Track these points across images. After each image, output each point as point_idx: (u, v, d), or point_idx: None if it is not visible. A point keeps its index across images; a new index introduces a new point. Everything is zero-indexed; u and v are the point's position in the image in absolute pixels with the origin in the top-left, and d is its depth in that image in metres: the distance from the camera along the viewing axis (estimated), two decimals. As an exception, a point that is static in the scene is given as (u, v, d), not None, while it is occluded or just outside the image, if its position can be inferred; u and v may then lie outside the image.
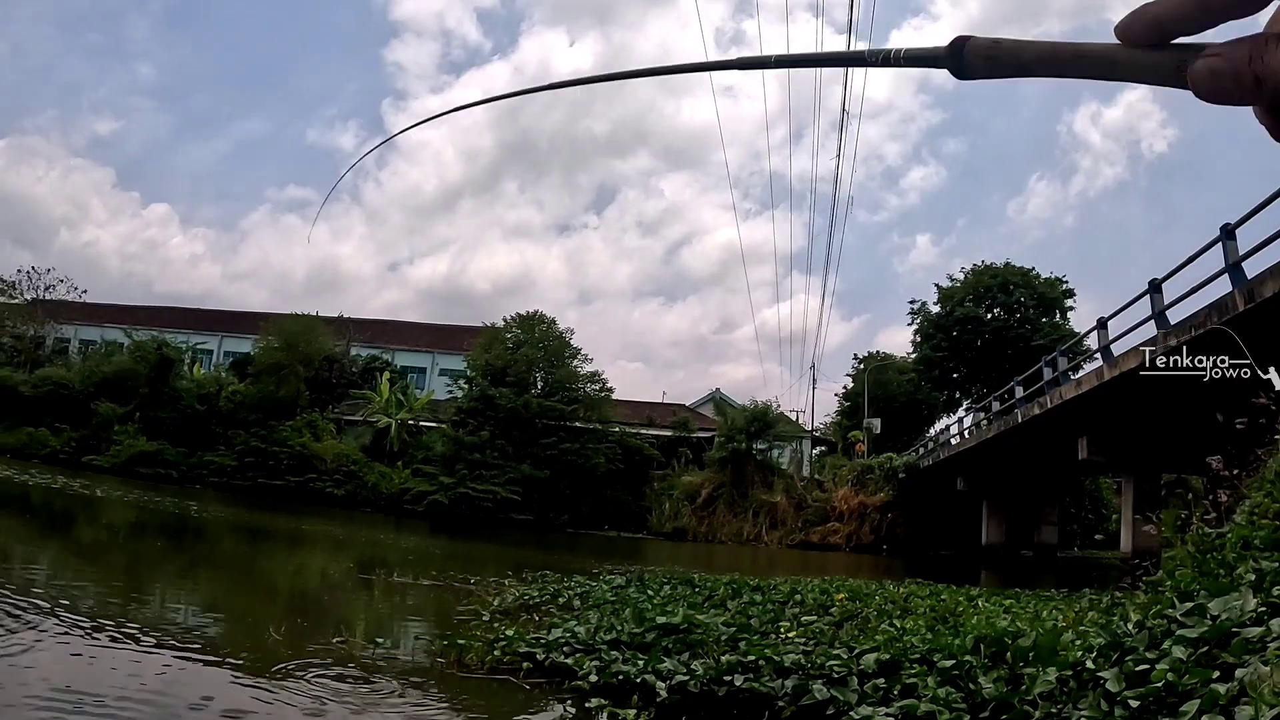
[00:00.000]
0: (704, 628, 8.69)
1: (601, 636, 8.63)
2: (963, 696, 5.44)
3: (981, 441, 34.20)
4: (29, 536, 17.94)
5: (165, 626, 9.10)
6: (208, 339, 66.33)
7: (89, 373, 51.18)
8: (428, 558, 21.93)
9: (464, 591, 14.47)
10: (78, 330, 67.15)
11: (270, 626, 9.27)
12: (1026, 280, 60.82)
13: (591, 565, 21.18)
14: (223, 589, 13.95)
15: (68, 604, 9.43)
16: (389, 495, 44.60)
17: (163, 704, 6.08)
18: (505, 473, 43.90)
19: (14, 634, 7.61)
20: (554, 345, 49.82)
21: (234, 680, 7.02)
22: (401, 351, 66.80)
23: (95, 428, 47.67)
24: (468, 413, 46.95)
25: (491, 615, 11.36)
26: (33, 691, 5.91)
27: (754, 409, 48.96)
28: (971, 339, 60.97)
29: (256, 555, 20.79)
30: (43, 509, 24.57)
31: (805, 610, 10.64)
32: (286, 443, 45.87)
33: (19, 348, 59.14)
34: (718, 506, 46.16)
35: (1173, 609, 5.79)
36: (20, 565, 13.08)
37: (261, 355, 51.58)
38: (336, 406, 52.95)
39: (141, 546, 19.67)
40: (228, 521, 28.07)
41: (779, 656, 7.15)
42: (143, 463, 45.24)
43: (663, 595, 12.54)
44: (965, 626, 8.52)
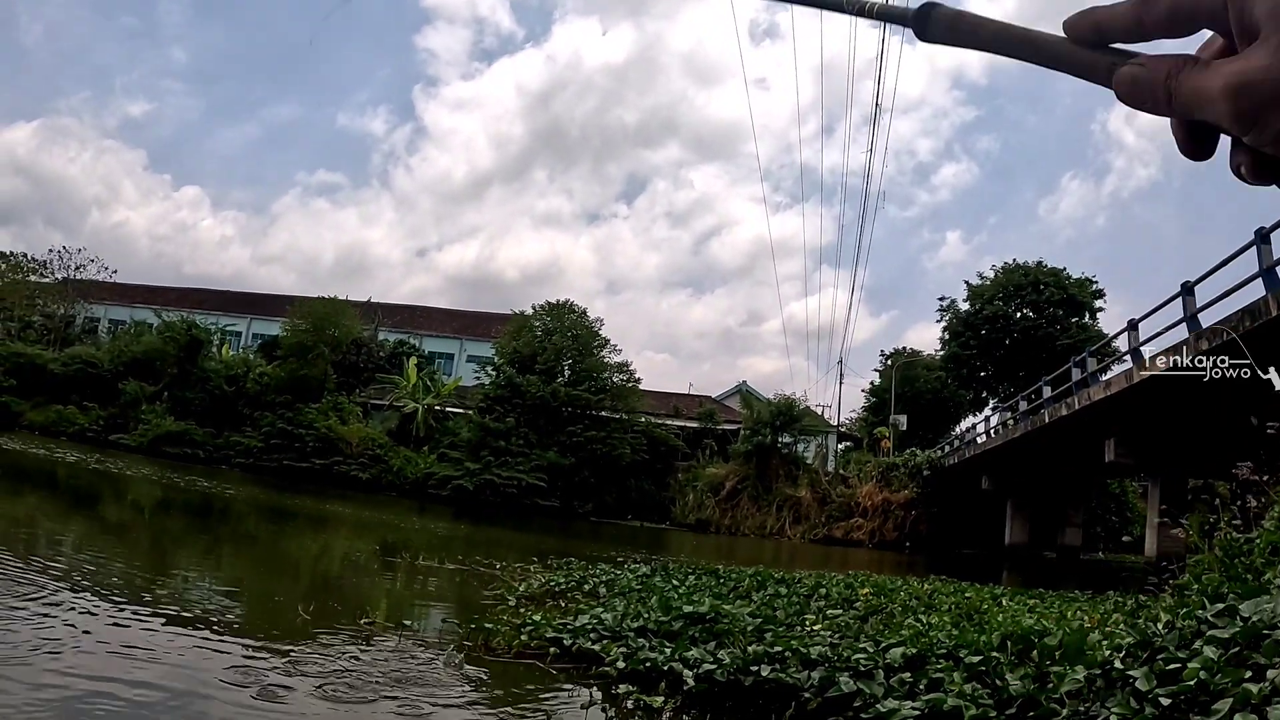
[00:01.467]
0: (730, 618, 8.71)
1: (628, 624, 8.67)
2: (989, 693, 5.45)
3: (1008, 441, 34.05)
4: (56, 513, 18.13)
5: (190, 604, 9.19)
6: (236, 321, 66.80)
7: (118, 352, 51.75)
8: (452, 542, 22.06)
9: (489, 576, 14.54)
10: (107, 310, 67.83)
11: (298, 606, 9.36)
12: (1057, 280, 60.32)
13: (615, 554, 21.24)
14: (247, 568, 14.07)
15: (93, 580, 9.55)
16: (414, 480, 44.86)
17: (188, 680, 6.15)
18: (530, 460, 44.09)
19: (40, 609, 7.70)
20: (582, 334, 49.93)
21: (259, 659, 7.08)
22: (429, 337, 67.15)
23: (123, 406, 48.21)
24: (494, 399, 47.11)
25: (518, 600, 11.43)
26: (58, 667, 5.97)
27: (780, 402, 48.90)
28: (1000, 338, 60.55)
29: (281, 536, 20.92)
30: (69, 486, 24.80)
31: (830, 604, 10.65)
32: (312, 425, 46.23)
33: (49, 326, 59.86)
34: (741, 499, 46.17)
35: (1203, 610, 5.78)
36: (46, 541, 13.22)
37: (289, 337, 51.95)
38: (363, 390, 53.23)
39: (167, 525, 19.87)
40: (253, 502, 28.27)
41: (805, 648, 7.17)
42: (169, 442, 45.76)
43: (688, 585, 12.57)
44: (991, 624, 8.52)
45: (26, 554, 10.90)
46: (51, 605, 7.86)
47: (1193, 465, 25.61)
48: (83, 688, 5.57)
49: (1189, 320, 19.81)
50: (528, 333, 49.88)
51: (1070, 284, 60.21)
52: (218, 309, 67.39)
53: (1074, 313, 59.44)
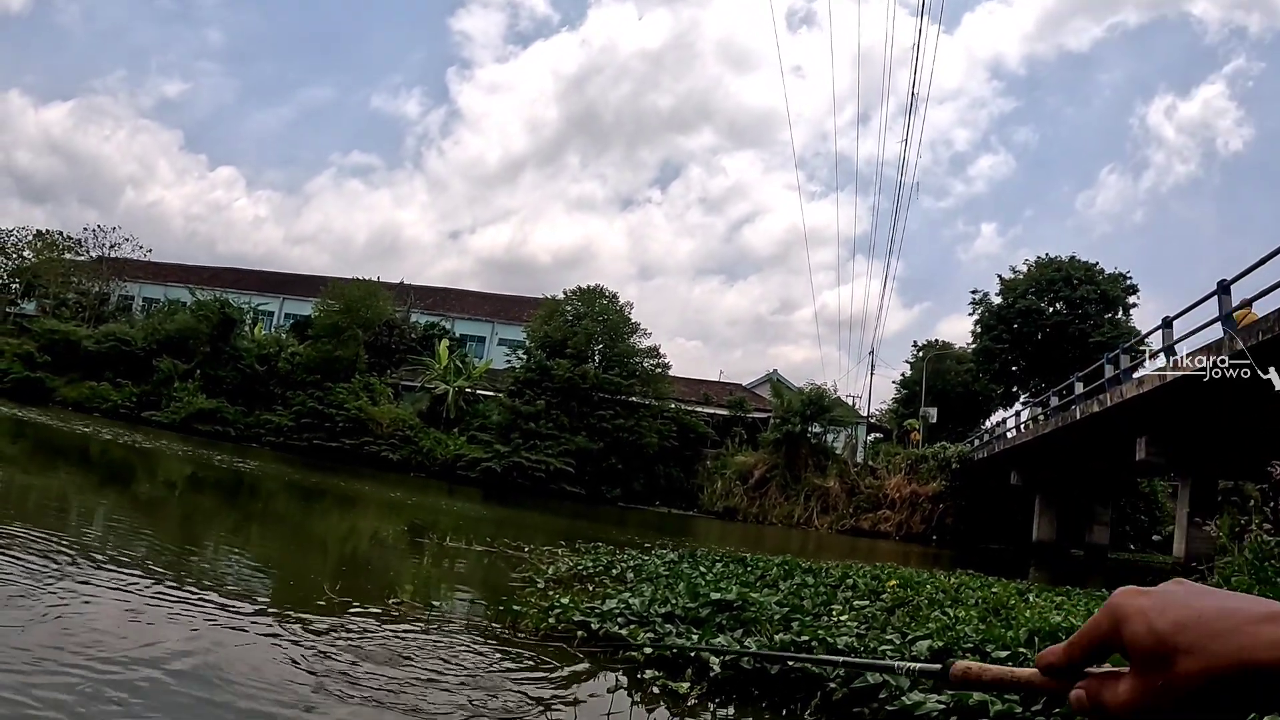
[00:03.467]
0: (757, 606, 8.73)
1: (656, 609, 8.71)
2: (1015, 688, 5.46)
3: (1038, 436, 33.85)
4: (88, 488, 18.36)
5: (219, 580, 9.27)
6: (269, 300, 67.15)
7: (151, 330, 52.37)
8: (480, 524, 22.16)
9: (516, 559, 14.62)
10: (141, 288, 68.47)
11: (325, 585, 9.46)
12: (1090, 275, 59.81)
13: (643, 539, 21.30)
14: (276, 546, 14.17)
15: (122, 554, 9.67)
16: (443, 461, 45.13)
17: (212, 656, 6.23)
18: (559, 444, 44.27)
19: (69, 583, 7.82)
20: (613, 319, 50.02)
21: (285, 636, 7.16)
22: (461, 320, 67.37)
23: (156, 384, 48.82)
24: (524, 383, 47.29)
25: (545, 583, 11.51)
26: (85, 641, 6.05)
27: (810, 392, 48.88)
28: (1032, 332, 60.13)
29: (310, 515, 21.10)
30: (102, 462, 25.08)
31: (857, 594, 10.64)
32: (343, 405, 46.58)
33: (84, 304, 60.60)
34: (769, 488, 46.18)
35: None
36: (78, 515, 13.39)
37: (322, 318, 52.35)
38: (395, 371, 53.56)
39: (197, 501, 20.07)
40: (283, 480, 28.51)
41: (831, 638, 7.20)
42: (201, 420, 46.31)
43: (715, 572, 12.58)
44: (1018, 619, 8.49)
45: (58, 527, 11.07)
46: (78, 578, 7.98)
47: (1224, 466, 25.42)
48: (108, 661, 5.65)
49: (1224, 319, 19.60)
50: (559, 317, 50.06)
51: (1103, 279, 59.70)
52: (251, 288, 67.90)
53: (1107, 309, 58.92)
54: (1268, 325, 17.20)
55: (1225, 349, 18.69)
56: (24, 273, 62.33)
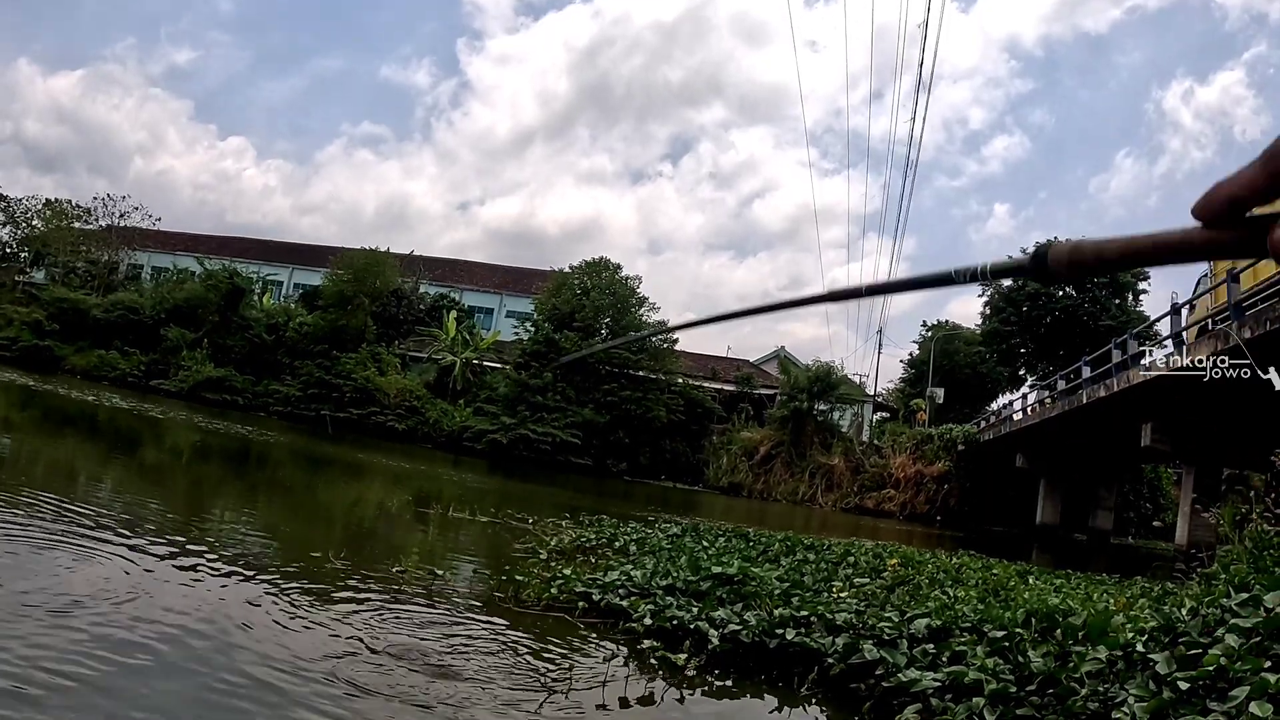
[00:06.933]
0: (758, 580, 8.81)
1: (657, 582, 8.81)
2: (1011, 668, 5.51)
3: (1044, 419, 33.81)
4: (96, 455, 18.47)
5: (224, 547, 9.34)
6: (278, 270, 67.17)
7: (160, 299, 52.52)
8: (485, 495, 22.28)
9: (520, 530, 14.71)
10: (150, 257, 68.37)
11: (330, 552, 9.53)
12: (1101, 260, 59.71)
13: (647, 513, 21.39)
14: (282, 514, 14.27)
15: (130, 521, 9.76)
16: (449, 432, 45.27)
17: (218, 621, 6.28)
18: (566, 416, 44.38)
19: (78, 547, 7.90)
20: (621, 293, 50.10)
21: (290, 602, 7.23)
22: (469, 291, 67.33)
23: (164, 352, 49.07)
24: (532, 355, 47.32)
25: (548, 554, 11.59)
26: (94, 603, 6.10)
27: (818, 369, 48.79)
28: (1041, 315, 60.14)
29: (316, 484, 21.21)
30: (110, 429, 25.20)
31: (858, 572, 10.72)
32: (350, 375, 46.73)
33: (93, 272, 60.68)
34: (775, 465, 46.23)
35: (1227, 599, 5.82)
36: (86, 482, 13.48)
37: (330, 287, 52.31)
38: (403, 342, 53.68)
39: (204, 469, 20.20)
40: (289, 449, 28.65)
41: (831, 614, 7.26)
42: (209, 389, 46.55)
43: (718, 546, 12.66)
44: (1016, 600, 8.56)
45: (66, 493, 11.16)
46: (87, 544, 8.07)
47: (1230, 455, 25.35)
48: (116, 624, 5.72)
49: (1234, 307, 19.53)
50: (567, 290, 50.10)
51: (1114, 264, 59.54)
52: (260, 258, 68.04)
53: (1116, 294, 58.86)
54: (1276, 315, 17.13)
55: (1234, 337, 18.61)
56: (33, 241, 62.33)
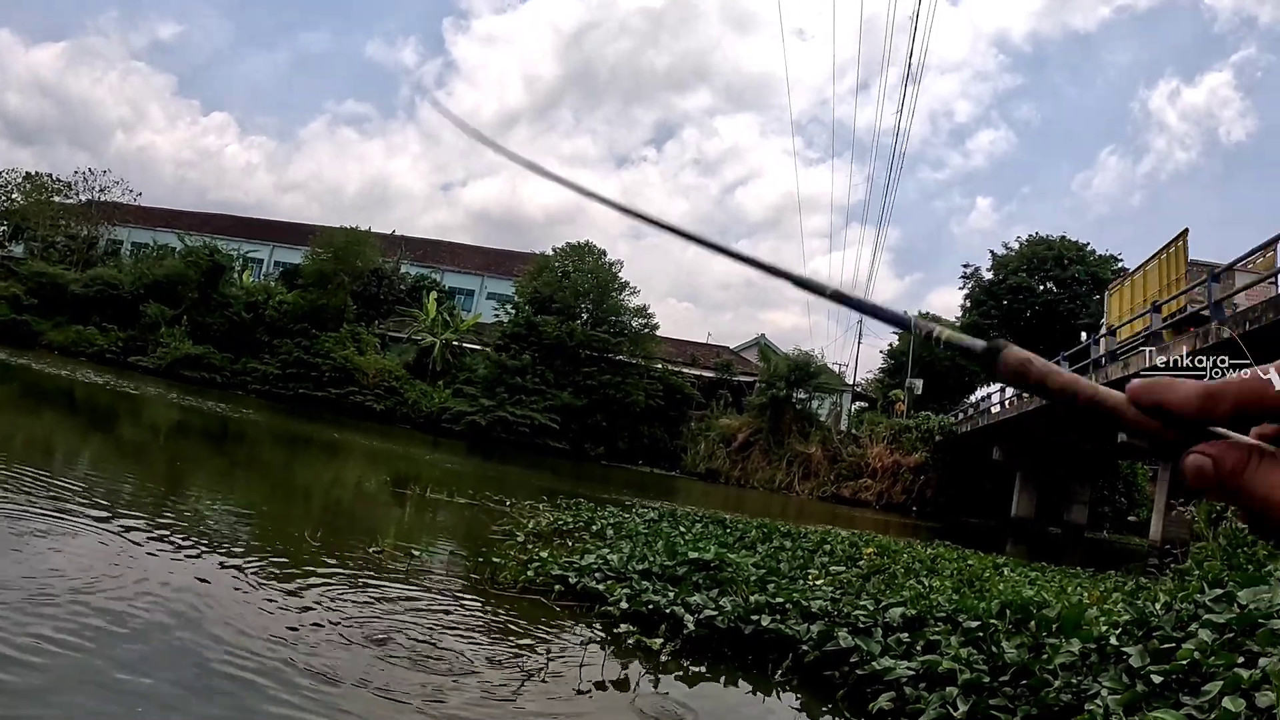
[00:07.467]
0: (734, 567, 8.82)
1: (634, 566, 8.81)
2: (984, 659, 5.52)
3: (1022, 413, 33.92)
4: (74, 431, 18.34)
5: (201, 526, 9.28)
6: (259, 248, 66.43)
7: (140, 275, 51.96)
8: (463, 477, 22.24)
9: (498, 513, 14.68)
10: (130, 232, 67.71)
11: (307, 532, 9.49)
12: (1080, 256, 60.24)
13: (624, 497, 21.40)
14: (259, 493, 14.21)
15: (108, 497, 9.69)
16: (428, 413, 45.13)
17: (186, 600, 6.23)
18: (545, 399, 44.35)
19: (56, 523, 7.83)
20: (603, 277, 49.98)
21: (268, 581, 7.20)
22: (451, 272, 66.97)
23: (143, 329, 48.61)
24: (512, 337, 47.26)
25: (525, 537, 11.56)
26: (71, 578, 6.05)
27: (797, 358, 48.84)
28: (1021, 309, 60.47)
29: (294, 462, 21.13)
30: (88, 407, 25.01)
31: (834, 560, 10.75)
32: (329, 354, 46.46)
33: (72, 247, 60.17)
34: (753, 452, 46.33)
35: (1201, 595, 5.85)
36: (64, 458, 13.37)
37: (310, 266, 52.03)
38: (382, 322, 53.42)
39: (182, 447, 20.08)
40: (267, 428, 28.53)
41: (806, 602, 7.28)
42: (188, 366, 46.17)
43: (695, 532, 12.66)
44: (991, 592, 8.59)
45: (44, 469, 11.09)
46: (65, 519, 8.02)
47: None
48: (91, 604, 5.67)
49: (1213, 308, 19.63)
50: (548, 273, 49.98)
51: (1094, 261, 60.12)
52: (240, 235, 67.42)
53: (1096, 290, 59.16)
54: (1255, 314, 17.22)
55: (1212, 336, 18.70)
56: (12, 215, 61.75)
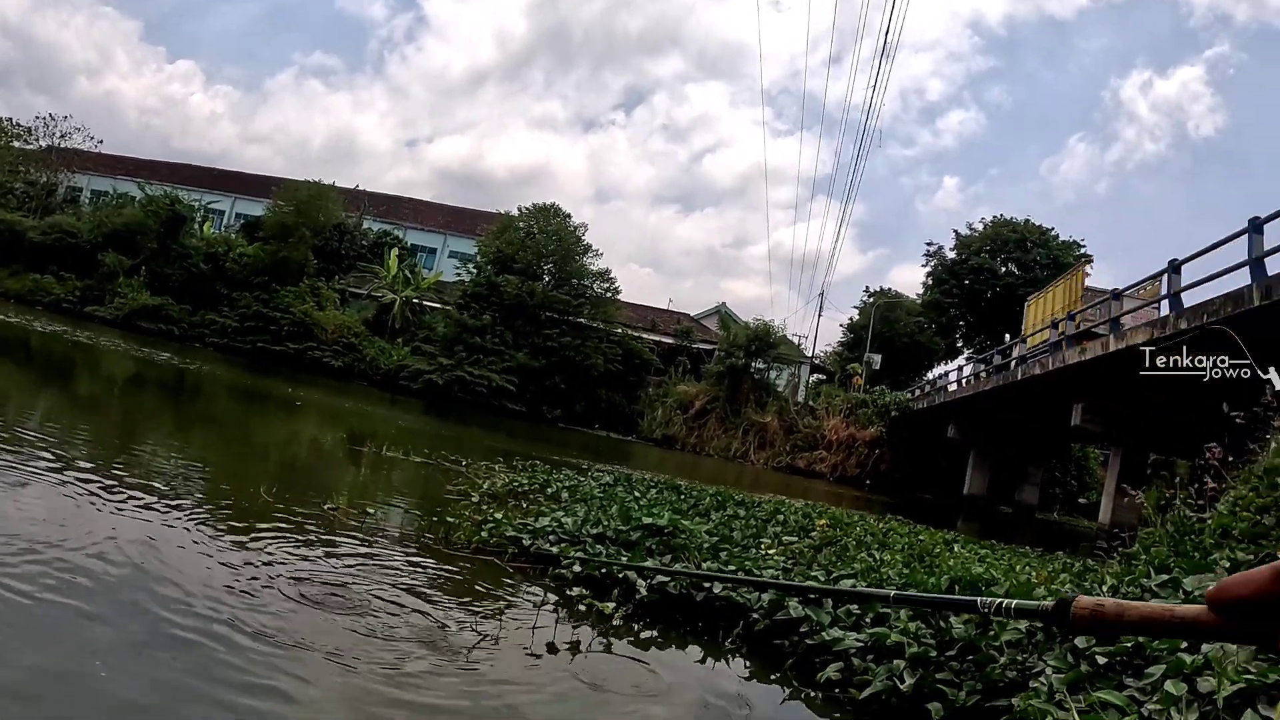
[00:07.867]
0: (688, 533, 8.82)
1: (588, 530, 8.80)
2: (932, 633, 5.56)
3: (979, 392, 34.30)
4: (26, 383, 18.05)
5: (154, 480, 9.13)
6: (220, 199, 65.50)
7: (98, 223, 51.18)
8: (419, 436, 22.16)
9: (453, 472, 14.63)
10: (90, 180, 66.77)
11: (261, 488, 9.39)
12: (1044, 240, 60.78)
13: (580, 461, 21.41)
14: (214, 448, 14.09)
15: (60, 450, 9.50)
16: (386, 371, 45.06)
17: (140, 553, 6.15)
18: (503, 360, 44.39)
19: (3, 476, 7.70)
20: (566, 239, 49.99)
21: (220, 537, 7.12)
22: (413, 229, 66.58)
23: (100, 278, 47.93)
24: (473, 296, 47.20)
25: (480, 498, 11.52)
26: (18, 532, 5.93)
27: (757, 327, 49.21)
28: (982, 290, 61.06)
29: (250, 417, 20.95)
30: (42, 357, 24.63)
31: (787, 530, 10.78)
32: (289, 309, 46.16)
33: (31, 194, 59.09)
34: (709, 420, 46.59)
35: (1148, 579, 5.92)
36: (15, 410, 13.14)
37: (272, 218, 51.59)
38: (343, 278, 53.05)
39: (138, 400, 19.86)
40: (224, 381, 28.25)
41: (758, 571, 7.32)
42: (145, 317, 45.70)
43: (649, 498, 12.66)
44: (941, 567, 8.65)
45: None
46: (14, 472, 7.91)
47: (1157, 441, 25.88)
48: (38, 559, 5.58)
49: (1172, 298, 19.85)
50: (512, 232, 49.88)
51: (1057, 245, 60.65)
52: (203, 185, 66.58)
53: (1058, 274, 59.73)
54: (1213, 309, 17.40)
55: (1170, 327, 18.90)
56: (-31, 160, 60.12)
